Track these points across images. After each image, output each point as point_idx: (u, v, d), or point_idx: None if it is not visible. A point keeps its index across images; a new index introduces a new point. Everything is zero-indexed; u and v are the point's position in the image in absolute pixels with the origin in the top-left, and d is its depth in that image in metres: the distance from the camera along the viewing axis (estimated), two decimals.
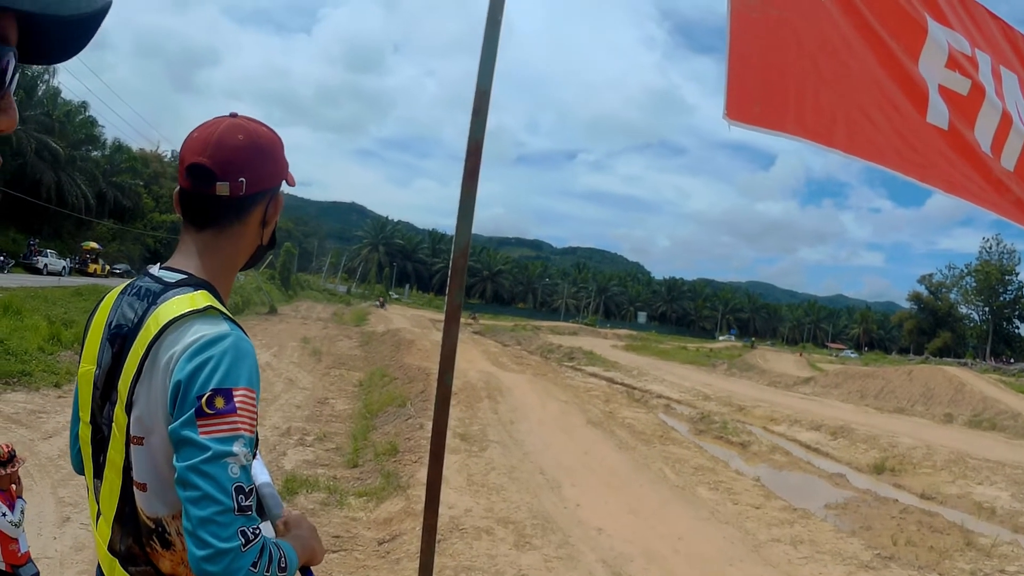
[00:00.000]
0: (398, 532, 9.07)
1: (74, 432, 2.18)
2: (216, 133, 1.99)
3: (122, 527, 1.92)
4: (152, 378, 1.82)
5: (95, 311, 2.09)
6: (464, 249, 3.23)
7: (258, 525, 1.77)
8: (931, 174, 3.79)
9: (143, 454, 1.84)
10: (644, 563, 9.03)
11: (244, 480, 1.74)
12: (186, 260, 2.01)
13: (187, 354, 1.77)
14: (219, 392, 1.74)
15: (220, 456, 1.71)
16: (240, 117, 2.07)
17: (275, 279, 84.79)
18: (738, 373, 56.05)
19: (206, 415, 1.72)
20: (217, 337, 1.80)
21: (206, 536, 1.68)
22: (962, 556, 11.91)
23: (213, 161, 1.95)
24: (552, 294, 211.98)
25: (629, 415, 22.68)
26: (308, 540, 2.08)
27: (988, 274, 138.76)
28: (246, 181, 1.97)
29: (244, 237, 2.08)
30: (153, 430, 1.82)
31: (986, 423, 32.07)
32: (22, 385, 14.01)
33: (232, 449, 1.72)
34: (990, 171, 3.87)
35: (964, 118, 3.80)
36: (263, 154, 2.03)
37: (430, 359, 26.97)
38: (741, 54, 3.44)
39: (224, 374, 1.77)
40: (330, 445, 13.77)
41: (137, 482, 1.86)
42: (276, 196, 2.12)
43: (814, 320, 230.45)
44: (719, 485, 13.97)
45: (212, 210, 2.01)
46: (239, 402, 1.76)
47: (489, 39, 3.11)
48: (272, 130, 2.09)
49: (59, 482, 9.10)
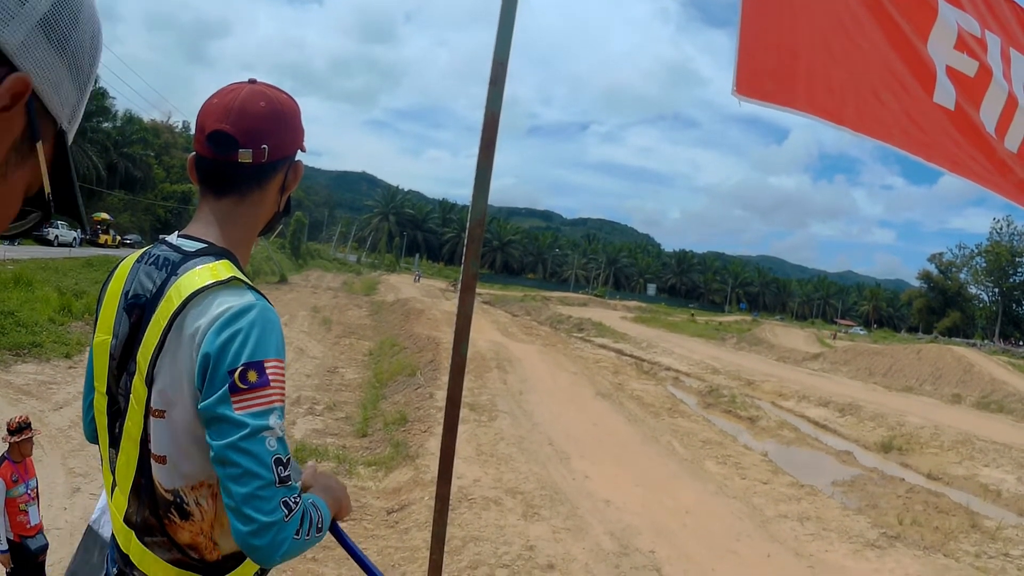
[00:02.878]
0: (407, 502, 9.11)
1: (87, 401, 2.16)
2: (238, 99, 1.95)
3: (138, 499, 1.91)
4: (177, 351, 1.80)
5: (109, 280, 2.06)
6: (480, 219, 3.20)
7: (298, 493, 1.78)
8: (936, 153, 3.80)
9: (164, 427, 1.83)
10: (651, 536, 9.06)
11: (281, 451, 1.75)
12: (205, 228, 1.97)
13: (215, 327, 1.76)
14: (251, 366, 1.74)
15: (258, 431, 1.72)
16: (260, 83, 2.04)
17: (285, 248, 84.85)
18: (747, 347, 55.92)
19: (240, 390, 1.72)
20: (244, 308, 1.79)
21: (250, 512, 1.70)
22: (967, 538, 11.92)
23: (235, 128, 1.91)
24: (562, 265, 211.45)
25: (638, 387, 22.73)
26: (336, 492, 2.10)
27: (998, 255, 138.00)
28: (268, 148, 1.94)
29: (264, 205, 2.04)
30: (176, 403, 1.80)
31: (994, 405, 32.00)
32: (33, 356, 14.06)
33: (268, 423, 1.73)
34: (994, 152, 3.87)
35: (970, 99, 3.79)
36: (284, 121, 2.00)
37: (440, 328, 27.01)
38: (753, 30, 3.44)
39: (254, 346, 1.76)
40: (340, 414, 13.83)
41: (156, 454, 1.85)
42: (296, 163, 2.09)
43: (824, 296, 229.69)
44: (727, 459, 14.00)
45: (233, 177, 1.97)
46: (271, 374, 1.76)
47: (506, 10, 3.08)
48: (291, 97, 2.05)
49: (69, 453, 9.15)
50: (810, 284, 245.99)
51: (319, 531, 1.85)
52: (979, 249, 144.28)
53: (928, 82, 3.71)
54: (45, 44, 0.84)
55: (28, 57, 0.82)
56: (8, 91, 0.79)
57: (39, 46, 0.84)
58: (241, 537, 1.72)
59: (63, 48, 0.87)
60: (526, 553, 7.99)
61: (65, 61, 0.88)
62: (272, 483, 1.71)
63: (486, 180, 3.19)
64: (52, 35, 0.85)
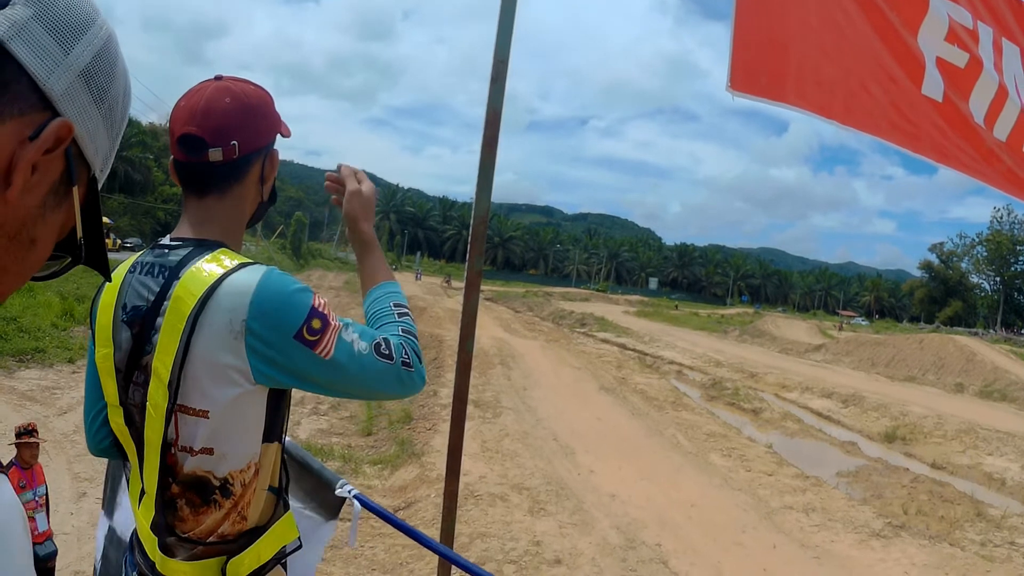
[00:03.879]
0: (413, 499, 9.13)
1: (91, 417, 2.19)
2: (202, 100, 1.96)
3: (163, 502, 1.92)
4: (211, 346, 1.80)
5: (99, 294, 2.06)
6: (484, 217, 3.23)
7: (399, 339, 2.00)
8: (923, 144, 3.84)
9: (206, 425, 1.84)
10: (657, 529, 9.08)
11: (367, 337, 1.93)
12: (194, 228, 1.99)
13: (252, 310, 1.79)
14: (308, 317, 1.82)
15: (348, 351, 1.86)
16: (225, 78, 2.04)
17: (286, 249, 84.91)
18: (749, 339, 55.93)
19: (315, 342, 1.82)
20: (265, 279, 1.82)
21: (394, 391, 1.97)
22: (972, 527, 11.92)
23: (202, 129, 1.93)
24: (563, 260, 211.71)
25: (642, 381, 22.74)
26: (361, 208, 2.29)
27: (999, 244, 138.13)
28: (238, 143, 1.95)
29: (245, 198, 2.06)
30: (222, 398, 1.82)
31: (997, 394, 31.99)
32: (36, 362, 14.05)
33: (346, 338, 1.88)
34: (982, 141, 3.90)
35: (959, 90, 3.82)
36: (252, 113, 2.00)
37: (442, 326, 27.05)
38: (746, 25, 3.48)
39: (298, 302, 1.82)
40: (344, 414, 13.83)
41: (200, 448, 1.86)
42: (271, 152, 2.09)
43: (825, 287, 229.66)
44: (732, 452, 14.02)
45: (209, 177, 1.99)
46: (322, 310, 1.85)
47: (506, 8, 3.10)
48: (259, 87, 2.06)
49: (74, 458, 9.15)
50: (811, 276, 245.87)
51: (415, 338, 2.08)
52: (980, 238, 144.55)
53: (917, 74, 3.75)
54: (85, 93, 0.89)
55: (70, 105, 0.86)
56: (53, 134, 0.83)
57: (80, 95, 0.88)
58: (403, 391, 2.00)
59: (101, 99, 0.91)
60: (533, 548, 8.02)
61: (102, 112, 0.92)
62: (387, 365, 1.92)
63: (489, 178, 3.21)
64: (92, 86, 0.90)
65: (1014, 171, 3.99)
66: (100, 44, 0.91)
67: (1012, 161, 3.97)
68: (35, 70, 0.83)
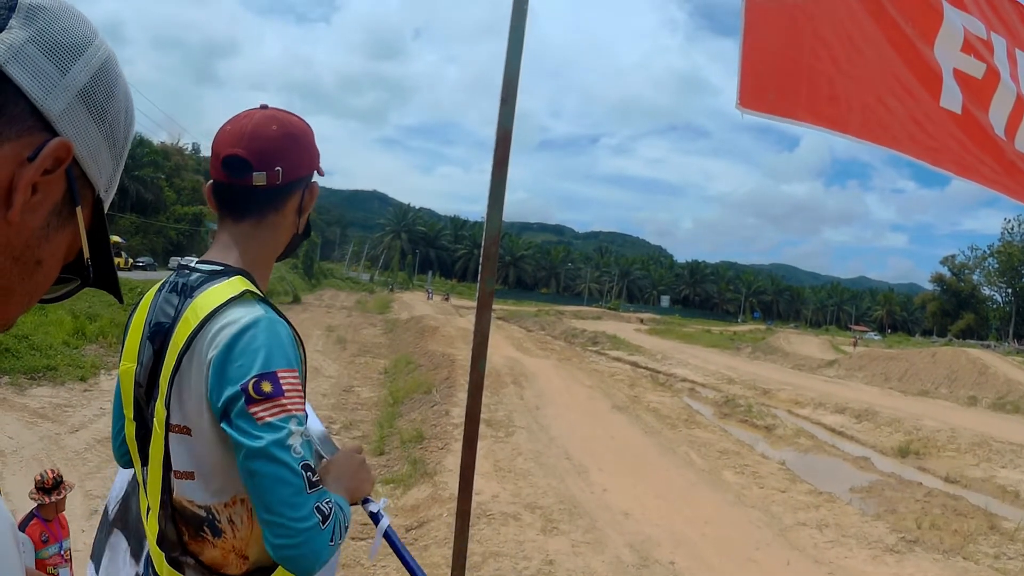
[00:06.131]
0: (426, 519, 9.13)
1: (116, 428, 2.22)
2: (250, 125, 2.00)
3: (167, 519, 1.95)
4: (191, 369, 1.83)
5: (134, 311, 2.11)
6: (495, 236, 3.22)
7: (329, 498, 1.81)
8: (943, 157, 3.82)
9: (190, 444, 1.86)
10: (671, 547, 9.07)
11: (307, 456, 1.78)
12: (224, 252, 2.01)
13: (225, 343, 1.79)
14: (264, 377, 1.76)
15: (281, 439, 1.73)
16: (271, 108, 2.08)
17: (298, 268, 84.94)
18: (762, 356, 55.69)
19: (256, 401, 1.74)
20: (251, 323, 1.81)
21: (284, 521, 1.72)
22: (986, 540, 11.85)
23: (248, 152, 1.96)
24: (575, 279, 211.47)
25: (654, 399, 22.68)
26: (347, 484, 2.10)
27: (1011, 255, 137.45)
28: (282, 170, 1.97)
29: (281, 227, 2.08)
30: (199, 421, 1.83)
31: (1010, 406, 31.76)
32: (48, 380, 14.15)
33: (290, 428, 1.76)
34: (1003, 153, 3.89)
35: (978, 101, 3.82)
36: (297, 143, 2.03)
37: (454, 345, 27.02)
38: (755, 43, 3.47)
39: (265, 358, 1.78)
40: (356, 433, 13.86)
41: (183, 471, 1.88)
42: (311, 184, 2.11)
43: (837, 302, 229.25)
44: (745, 469, 13.98)
45: (249, 201, 2.01)
46: (285, 384, 1.78)
47: (516, 27, 3.10)
48: (303, 120, 2.10)
49: (86, 475, 9.19)
50: (823, 291, 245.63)
51: (345, 531, 1.87)
52: (991, 250, 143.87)
53: (934, 87, 3.74)
54: (85, 113, 0.90)
55: (69, 125, 0.88)
56: (51, 154, 0.84)
57: (79, 115, 0.89)
58: (278, 550, 1.74)
59: (102, 119, 0.92)
60: (546, 568, 8.01)
61: (103, 132, 0.93)
62: (302, 489, 1.74)
63: (500, 197, 3.21)
64: (91, 105, 0.91)
65: None
66: (98, 64, 0.92)
67: None
68: (32, 92, 0.84)
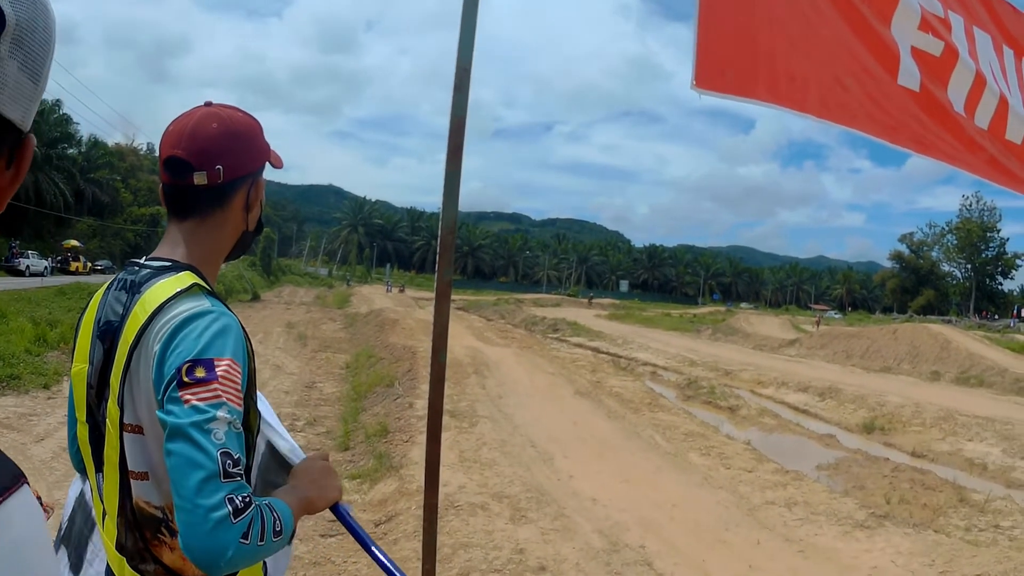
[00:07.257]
0: (393, 512, 9.06)
1: (71, 432, 2.17)
2: (190, 124, 1.98)
3: (125, 522, 1.90)
4: (140, 364, 1.80)
5: (84, 310, 2.08)
6: (452, 227, 3.20)
7: (248, 493, 1.66)
8: (902, 135, 3.84)
9: (142, 443, 1.82)
10: (640, 531, 9.04)
11: (231, 446, 1.65)
12: (171, 249, 2.00)
13: (168, 333, 1.76)
14: (199, 362, 1.70)
15: (203, 421, 1.64)
16: (215, 105, 2.07)
17: (256, 266, 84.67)
18: (723, 338, 56.10)
19: (186, 385, 1.67)
20: (197, 313, 1.78)
21: (189, 506, 1.60)
22: (956, 512, 11.95)
23: (188, 152, 1.95)
24: (533, 267, 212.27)
25: (617, 384, 22.71)
26: (306, 490, 2.02)
27: (969, 231, 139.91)
28: (223, 168, 1.97)
29: (227, 224, 2.06)
30: (149, 416, 1.79)
31: (973, 380, 32.24)
32: (11, 389, 13.91)
33: (216, 414, 1.65)
34: (963, 130, 3.90)
35: (937, 79, 3.82)
36: (239, 140, 2.02)
37: (415, 337, 26.97)
38: (710, 22, 3.45)
39: (204, 346, 1.73)
40: (320, 429, 13.75)
41: (137, 472, 1.84)
42: (257, 181, 2.11)
43: (796, 282, 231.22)
44: (710, 450, 14.01)
45: (192, 200, 2.00)
46: (221, 372, 1.71)
47: (467, 16, 3.08)
48: (248, 115, 2.09)
49: (53, 484, 9.02)
50: (782, 271, 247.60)
51: (278, 535, 1.71)
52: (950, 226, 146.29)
53: (892, 65, 3.73)
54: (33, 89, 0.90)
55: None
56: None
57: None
58: (181, 539, 1.63)
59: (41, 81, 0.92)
60: (516, 556, 7.95)
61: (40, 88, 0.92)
62: (216, 475, 1.60)
63: (455, 187, 3.18)
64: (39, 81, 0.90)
65: (997, 159, 4.00)
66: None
67: (995, 149, 3.97)
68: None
